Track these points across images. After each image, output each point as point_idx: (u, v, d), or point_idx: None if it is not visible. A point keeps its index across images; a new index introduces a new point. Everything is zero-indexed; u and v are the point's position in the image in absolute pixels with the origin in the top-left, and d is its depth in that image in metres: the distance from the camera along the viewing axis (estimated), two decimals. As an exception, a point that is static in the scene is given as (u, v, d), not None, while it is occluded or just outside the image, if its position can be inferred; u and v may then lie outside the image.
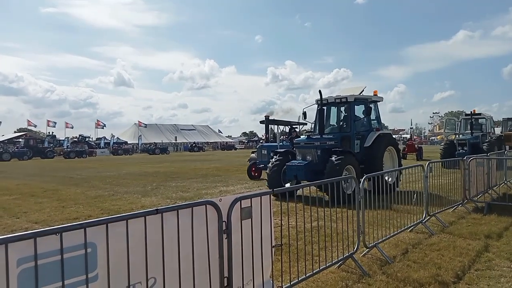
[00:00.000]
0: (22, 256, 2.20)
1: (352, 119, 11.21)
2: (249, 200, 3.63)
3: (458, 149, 19.83)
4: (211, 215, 3.23)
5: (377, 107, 12.08)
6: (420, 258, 5.29)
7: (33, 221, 8.65)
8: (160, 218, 2.86)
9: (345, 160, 9.85)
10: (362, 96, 11.64)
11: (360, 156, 10.98)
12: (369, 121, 11.65)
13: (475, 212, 8.27)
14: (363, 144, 11.20)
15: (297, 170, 10.39)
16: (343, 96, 11.28)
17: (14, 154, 41.99)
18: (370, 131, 11.47)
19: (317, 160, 10.42)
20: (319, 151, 10.48)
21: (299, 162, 10.61)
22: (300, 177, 10.29)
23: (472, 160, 8.72)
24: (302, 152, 10.90)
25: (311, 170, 10.22)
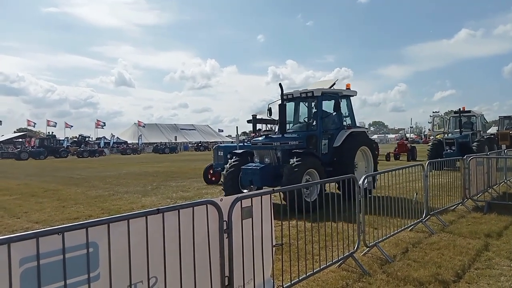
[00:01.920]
0: (25, 255, 2.21)
1: (319, 116, 10.03)
2: (250, 199, 3.64)
3: (446, 149, 18.84)
4: (212, 214, 3.24)
5: (350, 102, 11.02)
6: (420, 257, 5.30)
7: (34, 221, 8.67)
8: (162, 218, 2.87)
9: (306, 163, 8.74)
10: (331, 90, 10.53)
11: (328, 157, 9.97)
12: (339, 118, 10.49)
13: (475, 211, 8.28)
14: (332, 143, 10.12)
15: (252, 174, 9.18)
16: (309, 90, 10.11)
17: (31, 154, 43.59)
18: (341, 129, 10.32)
19: (276, 163, 9.29)
20: (279, 153, 9.31)
21: (255, 166, 9.36)
22: (256, 182, 9.12)
23: (472, 159, 8.73)
24: (260, 154, 9.64)
25: (269, 174, 9.10)
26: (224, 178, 10.05)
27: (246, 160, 9.93)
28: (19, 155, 42.30)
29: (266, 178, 9.06)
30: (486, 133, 21.03)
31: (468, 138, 19.30)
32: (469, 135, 19.59)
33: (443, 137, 19.98)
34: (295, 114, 10.95)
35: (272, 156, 9.35)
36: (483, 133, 20.24)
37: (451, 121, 21.34)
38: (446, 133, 20.54)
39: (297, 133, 10.15)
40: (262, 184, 9.08)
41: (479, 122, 20.29)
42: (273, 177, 8.94)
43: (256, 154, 9.74)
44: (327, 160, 9.86)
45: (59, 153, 48.62)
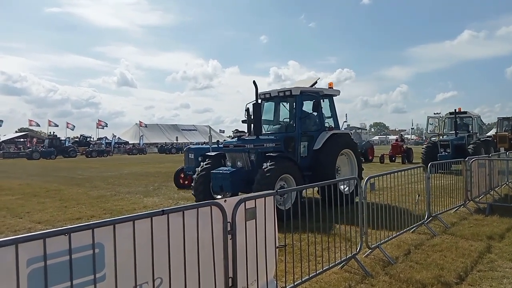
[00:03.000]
0: (32, 256, 2.23)
1: (297, 117, 9.31)
2: (253, 201, 3.66)
3: (440, 151, 18.02)
4: (216, 216, 3.26)
5: (333, 102, 10.35)
6: (422, 259, 5.31)
7: (36, 221, 8.68)
8: (166, 219, 2.89)
9: (280, 167, 7.99)
10: (310, 88, 9.89)
11: (307, 161, 9.30)
12: (320, 119, 9.84)
13: (477, 213, 8.28)
14: (312, 146, 9.43)
15: (223, 179, 8.44)
16: (287, 89, 9.42)
17: (42, 154, 44.64)
18: (322, 131, 9.64)
19: (249, 167, 8.57)
20: (252, 156, 8.59)
21: (225, 170, 8.63)
22: (226, 188, 8.41)
23: (474, 161, 8.74)
24: (232, 157, 8.95)
25: (241, 180, 8.38)
26: (194, 183, 9.22)
27: (219, 163, 9.26)
28: (31, 155, 43.33)
29: (238, 183, 8.36)
30: (483, 135, 20.06)
31: (463, 140, 18.54)
32: (465, 137, 18.78)
33: (437, 139, 19.20)
34: (274, 115, 10.32)
35: (245, 159, 8.67)
36: (480, 135, 19.36)
37: (446, 122, 20.46)
38: (441, 135, 19.67)
39: (275, 134, 9.59)
40: (232, 190, 8.40)
41: (475, 124, 19.52)
42: (246, 183, 8.14)
43: (228, 157, 9.09)
44: (307, 164, 9.23)
45: (68, 153, 49.63)
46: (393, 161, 25.28)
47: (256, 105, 8.73)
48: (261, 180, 7.66)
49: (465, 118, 20.08)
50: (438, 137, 19.40)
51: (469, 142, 18.31)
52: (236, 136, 9.01)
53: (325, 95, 10.06)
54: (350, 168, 10.12)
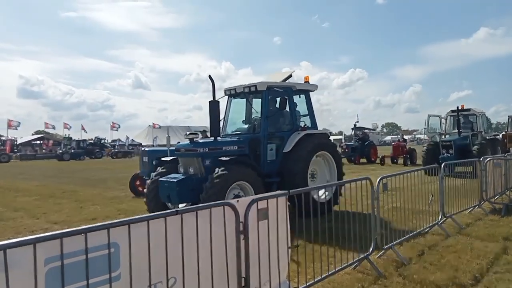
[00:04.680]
0: (49, 255, 2.30)
1: (263, 115, 8.22)
2: (266, 201, 3.68)
3: (442, 152, 16.66)
4: (228, 216, 3.29)
5: (309, 98, 9.19)
6: (436, 260, 5.25)
7: (53, 221, 8.85)
8: (180, 219, 2.93)
9: (232, 173, 7.03)
10: (280, 83, 8.84)
11: (276, 165, 8.26)
12: (292, 118, 8.73)
13: (493, 213, 8.15)
14: (282, 149, 8.36)
15: (169, 189, 7.34)
16: (252, 84, 8.34)
17: (72, 155, 46.31)
18: (294, 131, 8.62)
19: (203, 174, 7.40)
20: (207, 161, 7.51)
21: (173, 178, 7.46)
22: (173, 199, 7.33)
23: (489, 161, 8.61)
24: (184, 163, 7.86)
25: (191, 189, 7.22)
26: (146, 191, 8.11)
27: (176, 169, 8.10)
28: (62, 156, 44.93)
29: (186, 193, 7.24)
30: (489, 133, 18.33)
31: (467, 140, 17.17)
32: (469, 136, 17.35)
33: (439, 139, 17.72)
34: (245, 114, 9.19)
35: (198, 165, 7.55)
36: (485, 134, 17.72)
37: (448, 120, 18.80)
38: (443, 135, 18.12)
39: (239, 136, 8.53)
40: (180, 201, 7.38)
41: (480, 122, 17.85)
42: (198, 192, 6.99)
43: (180, 163, 7.98)
44: (275, 168, 8.23)
45: (95, 154, 51.41)
46: (395, 163, 23.62)
47: (212, 103, 7.80)
48: (209, 188, 6.73)
49: (469, 116, 18.45)
50: (440, 137, 17.94)
51: (473, 141, 17.01)
52: (189, 139, 7.79)
53: (299, 91, 8.98)
54: (329, 173, 9.05)
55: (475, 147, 16.25)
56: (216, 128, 7.89)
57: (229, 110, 9.18)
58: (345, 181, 5.13)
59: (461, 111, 17.75)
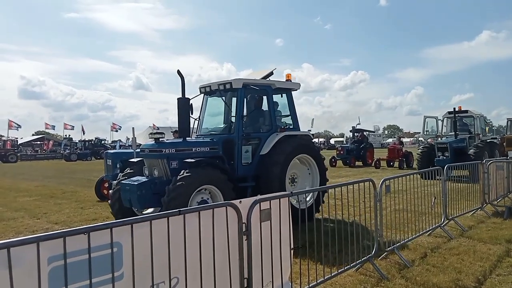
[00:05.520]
0: (53, 254, 2.28)
1: (237, 114, 7.64)
2: (268, 202, 3.66)
3: (438, 155, 16.23)
4: (231, 216, 3.28)
5: (291, 98, 8.58)
6: (439, 262, 5.23)
7: (53, 222, 8.84)
8: (183, 219, 2.91)
9: (198, 176, 6.45)
10: (257, 81, 8.14)
11: (251, 168, 7.67)
12: (271, 118, 8.08)
13: (495, 216, 8.13)
14: (259, 151, 7.79)
15: (130, 192, 6.76)
16: (227, 81, 7.79)
17: (79, 155, 46.61)
18: (273, 132, 8.01)
19: (169, 177, 6.77)
20: (174, 163, 6.89)
21: (134, 181, 6.91)
22: (134, 203, 6.79)
23: (492, 163, 8.59)
24: (148, 164, 7.28)
25: (154, 193, 6.65)
26: (111, 197, 7.52)
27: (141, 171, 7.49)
28: (69, 156, 45.06)
29: (148, 197, 6.67)
30: (486, 136, 17.88)
31: (464, 143, 16.69)
32: (466, 139, 16.88)
33: (435, 141, 17.39)
34: (223, 113, 8.53)
35: (163, 167, 6.97)
36: (483, 137, 17.27)
37: (445, 122, 18.26)
38: (439, 137, 17.77)
39: (212, 136, 7.94)
40: (141, 207, 6.93)
41: (478, 124, 17.33)
42: (161, 196, 6.37)
43: (146, 164, 7.39)
44: (250, 172, 7.65)
45: (100, 155, 51.18)
46: (391, 166, 22.99)
47: (181, 100, 7.25)
48: (171, 191, 6.18)
49: (466, 118, 17.98)
50: (436, 139, 17.68)
51: (470, 144, 16.58)
52: (154, 138, 7.18)
53: (279, 89, 8.36)
54: (311, 177, 8.44)
55: (472, 149, 15.82)
56: (185, 127, 7.36)
57: (204, 108, 8.58)
58: (348, 182, 5.10)
59: (458, 113, 17.25)
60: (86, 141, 53.23)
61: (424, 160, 16.49)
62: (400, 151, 23.18)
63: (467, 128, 17.81)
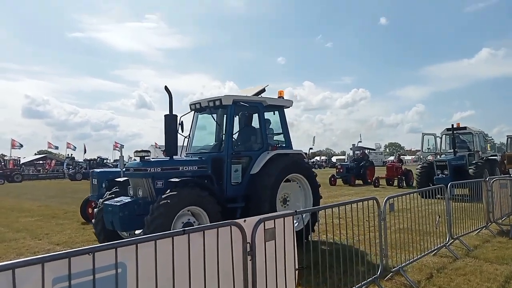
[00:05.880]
0: (57, 275, 2.27)
1: (227, 132, 7.38)
2: (273, 221, 3.65)
3: (437, 173, 15.87)
4: (235, 236, 3.26)
5: (284, 115, 8.30)
6: (446, 283, 5.16)
7: (55, 242, 8.78)
8: (187, 239, 2.90)
9: (182, 197, 6.11)
10: (248, 98, 7.94)
11: (241, 188, 7.34)
12: (262, 136, 7.79)
13: (500, 235, 8.04)
14: (250, 170, 7.47)
15: (112, 213, 6.47)
16: (216, 98, 7.52)
17: (84, 175, 45.93)
18: (264, 150, 7.70)
19: (154, 197, 6.44)
20: (159, 183, 6.60)
21: (116, 201, 6.62)
22: (116, 225, 6.45)
23: (495, 181, 8.55)
24: (133, 184, 6.98)
25: (138, 214, 6.32)
26: (94, 218, 7.14)
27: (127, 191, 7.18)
28: (74, 176, 44.74)
29: (131, 219, 6.36)
30: (486, 153, 17.47)
31: (464, 160, 16.31)
32: (465, 156, 16.53)
33: (434, 159, 17.05)
34: (208, 130, 8.37)
35: (148, 187, 6.64)
36: (483, 154, 16.94)
37: (443, 139, 17.98)
38: (438, 154, 17.46)
39: (200, 155, 7.72)
40: (123, 229, 6.62)
41: (477, 141, 17.00)
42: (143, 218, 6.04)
43: (131, 184, 7.08)
44: (240, 192, 7.32)
45: None
46: (391, 185, 22.37)
47: (168, 117, 6.99)
48: (155, 210, 5.85)
49: (465, 135, 17.68)
50: (436, 157, 17.35)
51: (470, 161, 16.29)
52: (139, 157, 6.86)
53: (271, 106, 8.10)
54: (303, 198, 8.06)
55: (472, 167, 15.54)
56: (172, 145, 7.06)
57: (194, 126, 8.32)
58: (351, 201, 5.08)
59: (456, 130, 16.90)
60: (90, 160, 53.33)
61: (423, 178, 16.21)
62: (399, 169, 22.68)
63: (466, 145, 17.55)
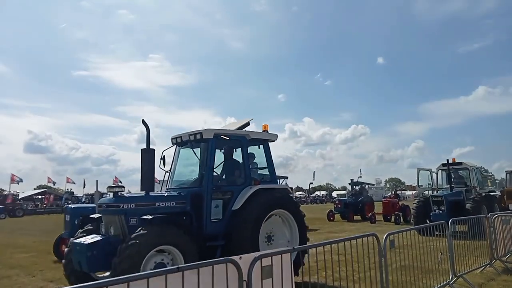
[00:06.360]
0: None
1: (207, 166, 7.07)
2: (270, 258, 3.58)
3: (434, 209, 15.49)
4: (231, 273, 3.19)
5: (268, 149, 8.07)
6: (450, 323, 4.98)
7: (49, 279, 8.55)
8: (181, 276, 2.84)
9: (153, 237, 5.69)
10: (229, 131, 7.74)
11: (222, 225, 6.96)
12: (245, 170, 7.50)
13: (505, 273, 7.84)
14: (231, 206, 7.11)
15: (80, 253, 6.07)
16: (197, 131, 7.32)
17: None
18: (247, 185, 7.38)
19: (128, 235, 5.86)
20: (132, 220, 6.19)
21: (85, 240, 6.22)
22: (84, 265, 5.99)
23: (497, 217, 8.44)
24: (105, 221, 6.61)
25: (108, 254, 5.78)
26: (65, 256, 6.60)
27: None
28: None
29: (99, 259, 5.93)
30: (484, 189, 17.24)
31: (461, 196, 16.06)
32: (463, 192, 16.31)
33: (430, 195, 16.64)
34: (190, 165, 8.06)
35: (120, 224, 6.26)
36: (480, 190, 16.67)
37: (439, 175, 17.69)
38: (435, 190, 17.18)
39: (180, 190, 7.39)
40: (90, 270, 6.11)
41: (473, 176, 16.79)
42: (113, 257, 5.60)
43: (103, 221, 6.70)
44: (221, 229, 6.93)
45: None
46: (389, 220, 21.68)
47: (145, 152, 6.68)
48: (122, 251, 5.42)
49: (462, 170, 17.48)
50: (432, 192, 16.98)
51: (467, 197, 15.94)
52: (112, 192, 6.53)
53: (255, 140, 7.87)
54: (290, 235, 7.61)
55: (469, 203, 15.14)
56: (148, 180, 6.72)
57: (176, 160, 8.09)
58: (350, 237, 4.99)
59: (452, 165, 16.72)
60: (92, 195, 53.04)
61: (420, 214, 15.87)
62: (396, 205, 22.12)
63: (463, 180, 17.31)
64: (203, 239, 6.66)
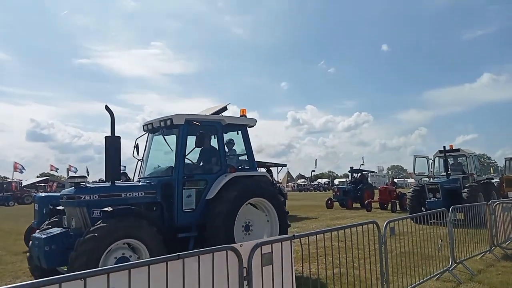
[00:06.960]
0: (47, 301, 2.22)
1: (178, 154, 6.68)
2: (270, 245, 3.60)
3: (429, 196, 15.17)
4: (232, 261, 3.22)
5: (247, 134, 7.65)
6: (449, 309, 5.03)
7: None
8: (182, 264, 2.86)
9: (113, 230, 5.33)
10: (202, 117, 7.32)
11: (195, 216, 6.61)
12: (221, 158, 7.12)
13: (505, 259, 7.89)
14: (205, 195, 6.75)
15: (38, 247, 5.74)
16: (167, 117, 6.92)
17: None
18: (222, 173, 7.00)
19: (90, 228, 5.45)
20: (96, 212, 5.77)
21: (44, 234, 5.95)
22: (42, 260, 5.69)
23: (498, 204, 8.46)
24: (68, 214, 6.25)
25: (68, 248, 5.48)
26: (29, 250, 6.28)
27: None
28: None
29: (58, 254, 5.64)
30: (481, 176, 16.83)
31: (457, 183, 15.63)
32: (459, 179, 15.87)
33: (425, 182, 16.22)
34: (162, 153, 7.58)
35: (82, 217, 5.86)
36: (478, 177, 16.24)
37: (436, 162, 17.24)
38: (431, 177, 16.80)
39: (150, 179, 6.94)
40: (48, 265, 5.68)
41: (471, 164, 16.28)
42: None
43: (66, 213, 6.33)
44: (194, 220, 6.57)
45: None
46: (385, 208, 21.18)
47: (110, 139, 6.26)
48: (79, 246, 5.09)
49: (459, 157, 17.07)
50: (428, 180, 16.61)
51: (464, 184, 15.48)
52: (74, 183, 6.13)
53: (231, 126, 7.48)
54: (269, 224, 7.23)
55: (465, 190, 14.70)
56: (114, 169, 6.26)
57: (148, 148, 7.67)
58: (351, 224, 5.02)
59: (449, 152, 16.38)
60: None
61: (415, 202, 15.61)
62: (393, 193, 21.68)
63: (461, 167, 16.95)
64: (175, 230, 6.37)
